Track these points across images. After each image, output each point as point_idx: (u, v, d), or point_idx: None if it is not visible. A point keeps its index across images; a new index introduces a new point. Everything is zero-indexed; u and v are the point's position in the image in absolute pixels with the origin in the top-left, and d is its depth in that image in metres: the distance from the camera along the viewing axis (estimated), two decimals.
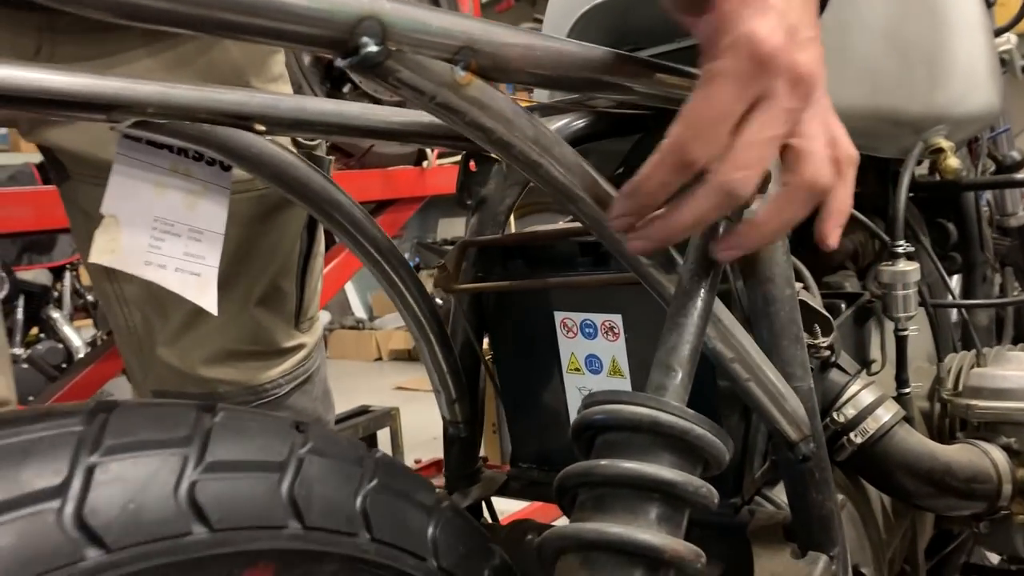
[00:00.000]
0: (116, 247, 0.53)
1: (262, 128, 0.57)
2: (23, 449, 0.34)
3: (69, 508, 0.34)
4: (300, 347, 0.89)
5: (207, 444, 0.39)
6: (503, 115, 0.45)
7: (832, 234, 0.53)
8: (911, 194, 1.06)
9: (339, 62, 0.38)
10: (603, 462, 0.44)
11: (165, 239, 0.55)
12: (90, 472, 0.35)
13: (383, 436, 2.71)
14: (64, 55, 0.72)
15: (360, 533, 0.43)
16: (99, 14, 0.33)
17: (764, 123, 0.46)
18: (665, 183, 0.47)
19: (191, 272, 0.57)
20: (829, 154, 0.50)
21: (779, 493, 0.69)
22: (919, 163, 0.91)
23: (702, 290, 0.51)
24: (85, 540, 0.34)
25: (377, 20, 0.37)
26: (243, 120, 0.56)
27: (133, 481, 0.36)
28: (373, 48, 0.37)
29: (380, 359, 5.28)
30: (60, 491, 0.34)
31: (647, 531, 0.42)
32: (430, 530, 0.48)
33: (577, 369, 0.72)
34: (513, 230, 1.02)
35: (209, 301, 0.57)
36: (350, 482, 0.44)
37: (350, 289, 5.49)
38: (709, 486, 0.45)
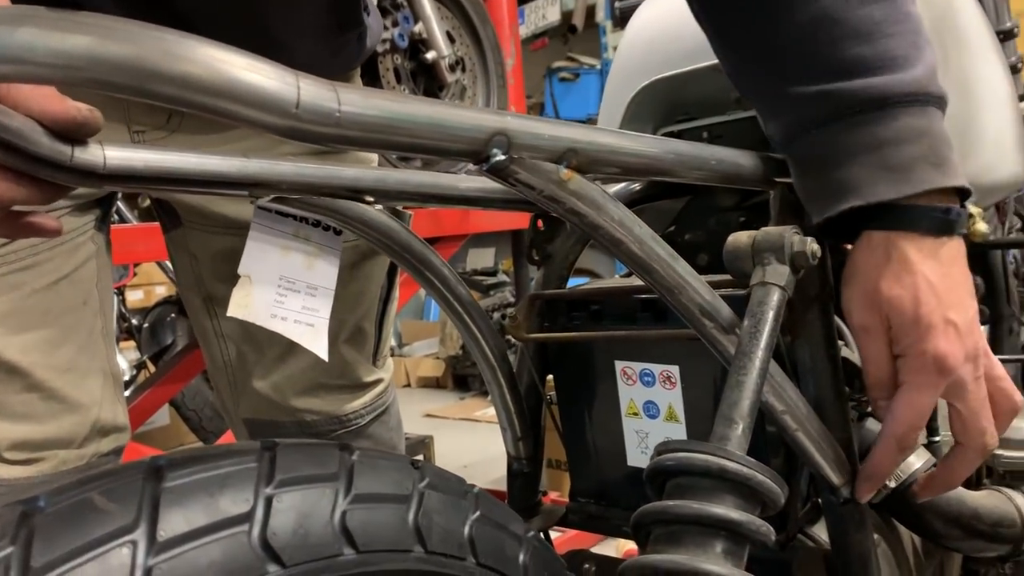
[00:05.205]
0: (249, 302, 0.62)
1: (371, 199, 0.66)
2: (219, 481, 0.42)
3: (256, 531, 0.41)
4: (378, 382, 0.98)
5: (351, 479, 0.47)
6: (595, 203, 0.53)
7: (924, 494, 0.69)
8: None
9: (471, 167, 0.46)
10: (676, 502, 0.51)
11: (287, 295, 0.64)
12: (269, 502, 0.43)
13: None
14: (189, 126, 0.81)
15: (468, 558, 0.51)
16: (284, 138, 0.41)
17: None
18: (896, 463, 0.65)
19: (307, 323, 0.65)
20: (991, 415, 0.62)
21: (819, 530, 0.76)
22: None
23: (760, 351, 0.58)
24: (268, 558, 0.41)
25: (505, 134, 0.45)
26: (358, 193, 0.64)
27: (301, 509, 0.43)
28: (501, 156, 0.45)
29: (409, 385, 5.35)
30: (249, 517, 0.42)
31: (714, 563, 0.49)
32: (522, 557, 0.55)
33: (635, 413, 0.80)
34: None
35: (321, 348, 0.66)
36: (459, 512, 0.52)
37: None
38: (768, 525, 0.52)
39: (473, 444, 3.60)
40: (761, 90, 0.65)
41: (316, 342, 0.65)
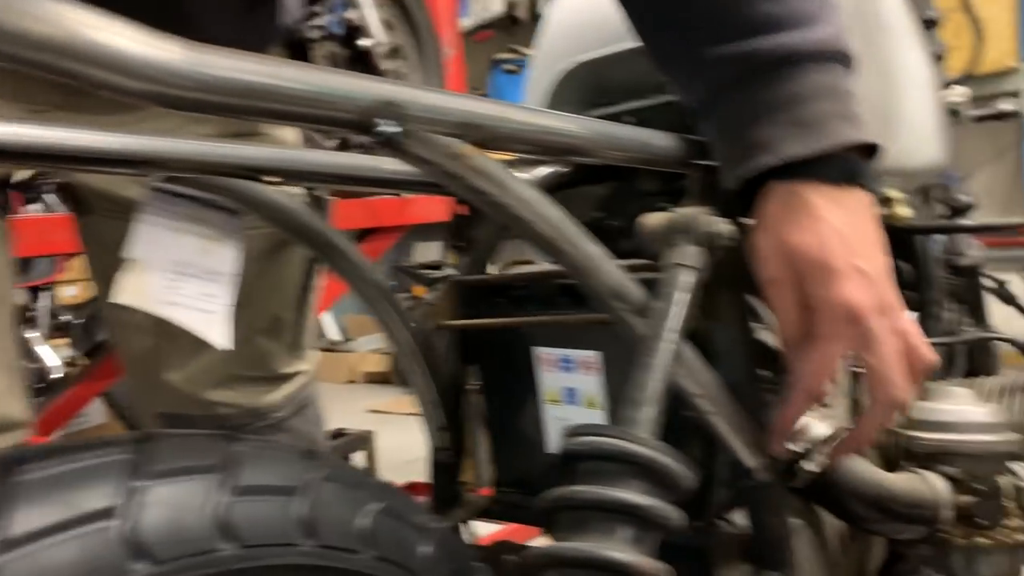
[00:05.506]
0: (138, 288, 0.59)
1: (275, 179, 0.63)
2: (82, 474, 0.39)
3: (121, 526, 0.39)
4: (298, 374, 0.95)
5: (236, 470, 0.44)
6: (498, 181, 0.51)
7: (836, 454, 0.69)
8: None
9: (362, 139, 0.44)
10: (581, 487, 0.50)
11: (182, 281, 0.61)
12: (137, 495, 0.40)
13: (358, 459, 2.74)
14: (91, 105, 0.77)
15: (365, 551, 0.49)
16: (144, 103, 0.38)
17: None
18: (804, 414, 0.65)
19: (206, 311, 0.62)
20: (903, 370, 0.61)
21: (740, 517, 0.75)
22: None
23: (670, 332, 0.57)
24: (135, 555, 0.39)
25: (396, 104, 0.43)
26: (256, 172, 0.61)
27: (176, 502, 0.41)
28: (392, 128, 0.43)
29: (354, 382, 5.28)
30: (114, 511, 0.39)
31: (619, 550, 0.48)
32: (426, 548, 0.53)
33: (555, 400, 0.78)
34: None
35: (220, 337, 0.63)
36: (356, 504, 0.49)
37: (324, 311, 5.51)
38: (677, 509, 0.50)
39: (417, 439, 3.55)
40: (677, 58, 0.64)
41: (214, 330, 0.62)
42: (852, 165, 0.60)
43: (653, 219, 0.62)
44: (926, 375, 0.63)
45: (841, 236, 0.58)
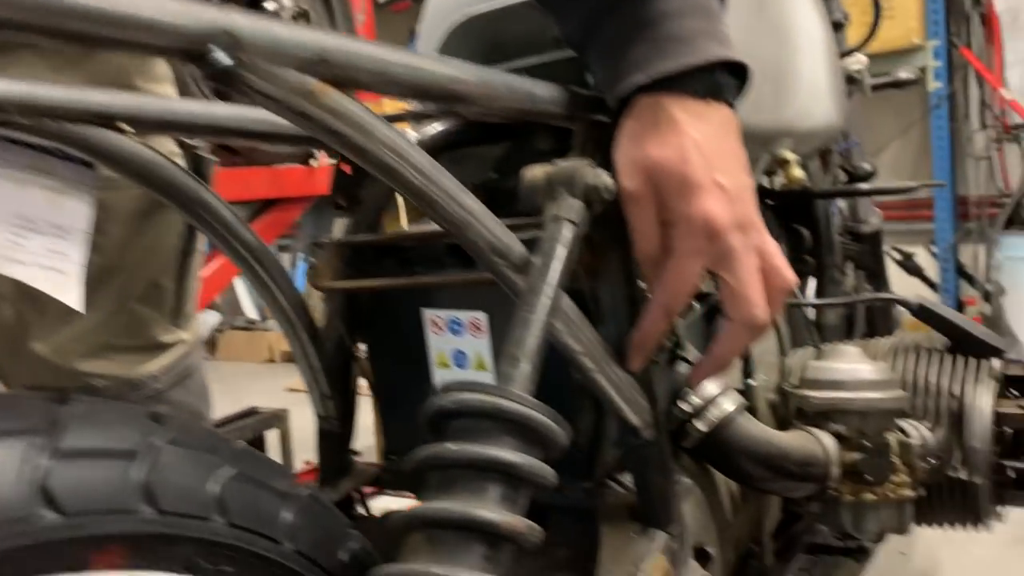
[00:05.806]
0: None
1: (129, 129, 0.58)
2: None
3: None
4: (179, 343, 0.90)
5: (59, 433, 0.40)
6: (358, 123, 0.48)
7: (695, 378, 0.68)
8: (770, 202, 1.14)
9: (193, 71, 0.40)
10: (449, 445, 0.48)
11: (27, 236, 0.56)
12: None
13: (272, 437, 2.68)
14: None
15: (214, 517, 0.45)
16: None
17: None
18: (663, 330, 0.62)
19: (55, 269, 0.57)
20: (761, 289, 0.59)
21: (630, 477, 0.74)
22: (769, 174, 0.98)
23: (548, 286, 0.55)
24: None
25: (229, 33, 0.39)
26: (108, 120, 0.57)
27: None
28: (225, 59, 0.40)
29: (272, 360, 5.18)
30: None
31: (486, 509, 0.46)
32: (286, 514, 0.50)
33: (445, 364, 0.76)
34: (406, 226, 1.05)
35: (73, 298, 0.58)
36: (205, 469, 0.46)
37: (241, 289, 5.37)
38: (547, 467, 0.48)
39: None
40: None
41: (65, 290, 0.58)
42: (718, 80, 0.59)
43: (533, 172, 0.60)
44: (785, 296, 0.62)
45: (702, 150, 0.57)
